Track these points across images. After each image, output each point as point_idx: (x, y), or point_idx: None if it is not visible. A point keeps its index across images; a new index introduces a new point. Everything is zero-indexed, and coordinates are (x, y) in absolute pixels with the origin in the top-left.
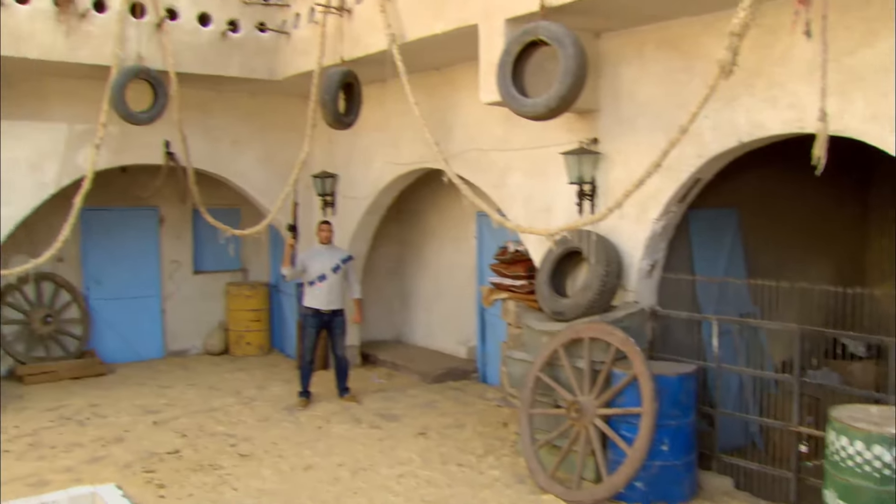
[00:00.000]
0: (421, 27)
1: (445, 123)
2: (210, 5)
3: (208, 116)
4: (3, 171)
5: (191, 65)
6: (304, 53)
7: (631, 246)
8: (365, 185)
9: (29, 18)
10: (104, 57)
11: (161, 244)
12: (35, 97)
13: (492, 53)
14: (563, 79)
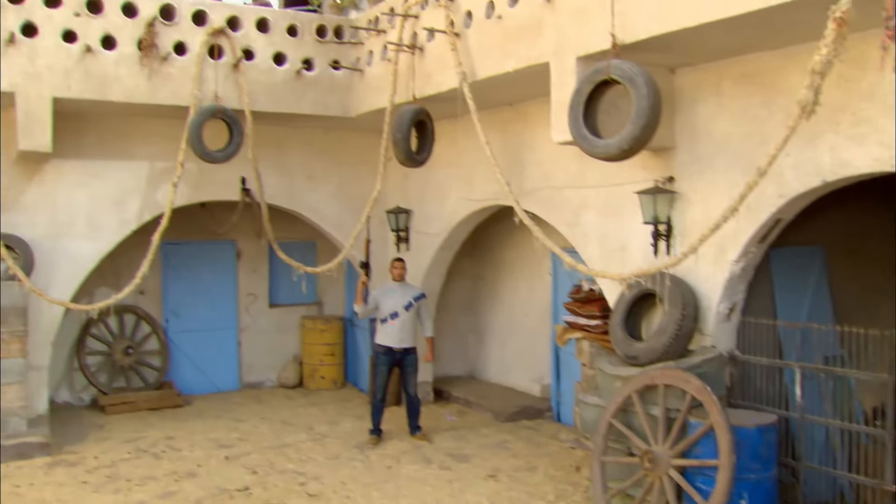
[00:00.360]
0: (491, 65)
1: (519, 160)
2: (285, 45)
3: (283, 152)
4: (89, 208)
5: (266, 103)
6: (376, 91)
7: (708, 288)
8: (439, 220)
9: (114, 63)
10: (183, 97)
11: (238, 277)
12: (119, 137)
13: (563, 92)
14: (636, 119)
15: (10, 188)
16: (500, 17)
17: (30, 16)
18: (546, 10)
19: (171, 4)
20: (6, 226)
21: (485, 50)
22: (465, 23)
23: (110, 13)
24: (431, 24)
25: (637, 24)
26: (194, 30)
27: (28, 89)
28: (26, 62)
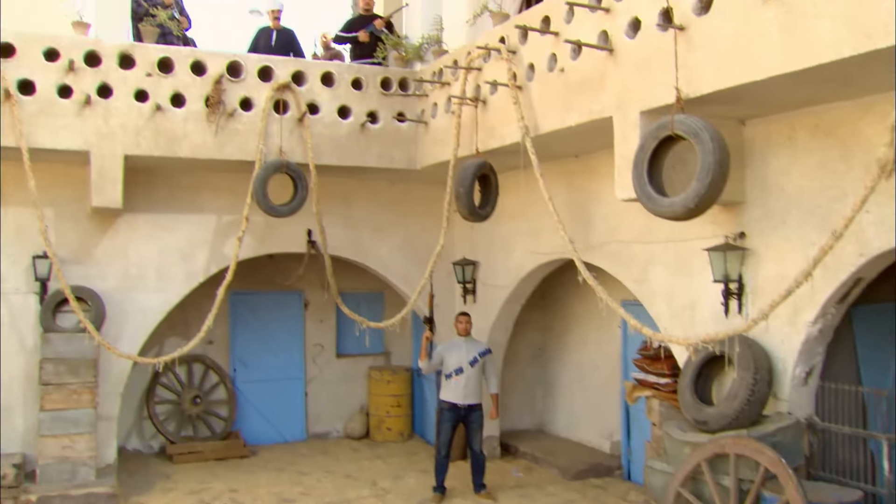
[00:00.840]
0: (554, 119)
1: (585, 213)
2: (350, 98)
3: (350, 204)
4: (158, 261)
5: (330, 156)
6: (441, 143)
7: (783, 350)
8: (505, 273)
9: (183, 120)
10: (249, 152)
11: (305, 327)
12: (188, 191)
13: (627, 147)
14: (702, 176)
15: (84, 241)
16: (563, 71)
17: (105, 77)
18: (609, 63)
19: (237, 61)
20: (79, 278)
21: (547, 103)
22: (528, 75)
23: (180, 72)
24: (494, 77)
25: (702, 78)
26: (260, 85)
27: (102, 148)
28: (101, 122)
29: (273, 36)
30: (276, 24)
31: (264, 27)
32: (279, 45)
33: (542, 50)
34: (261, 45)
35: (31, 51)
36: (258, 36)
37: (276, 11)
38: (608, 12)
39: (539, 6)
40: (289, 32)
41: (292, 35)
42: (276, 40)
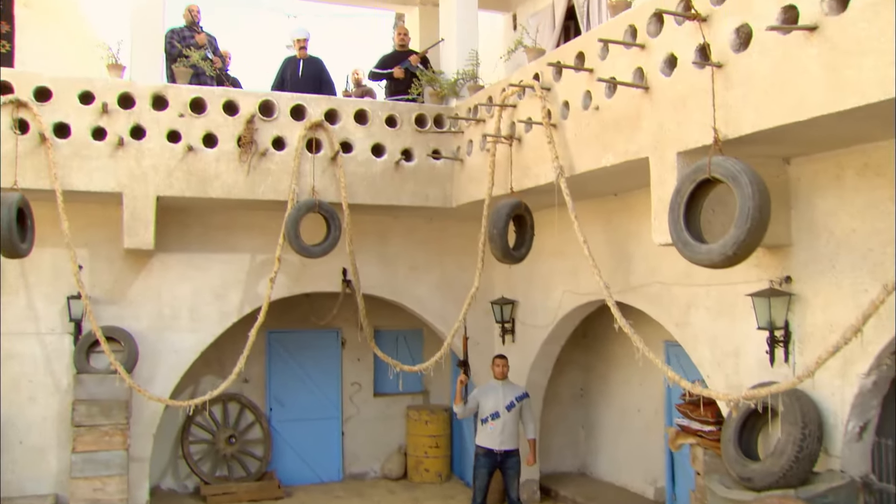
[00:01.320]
0: (589, 159)
1: (624, 253)
2: (384, 136)
3: (385, 242)
4: (192, 301)
5: (364, 195)
6: (476, 181)
7: (834, 403)
8: (544, 313)
9: (215, 160)
10: (281, 192)
11: (343, 366)
12: (221, 230)
13: (664, 190)
14: (740, 223)
15: (119, 282)
16: (598, 109)
17: (139, 119)
18: (644, 102)
19: (270, 100)
20: (113, 318)
21: (582, 142)
22: (563, 113)
23: (212, 112)
24: (529, 115)
25: (741, 117)
26: (293, 124)
27: (134, 189)
28: (133, 163)
29: (300, 66)
30: (303, 53)
31: (290, 57)
32: (306, 76)
33: (577, 87)
34: (287, 76)
35: (67, 94)
36: (284, 66)
37: (301, 41)
38: (643, 49)
39: (573, 42)
40: (316, 62)
41: (320, 64)
42: (304, 71)
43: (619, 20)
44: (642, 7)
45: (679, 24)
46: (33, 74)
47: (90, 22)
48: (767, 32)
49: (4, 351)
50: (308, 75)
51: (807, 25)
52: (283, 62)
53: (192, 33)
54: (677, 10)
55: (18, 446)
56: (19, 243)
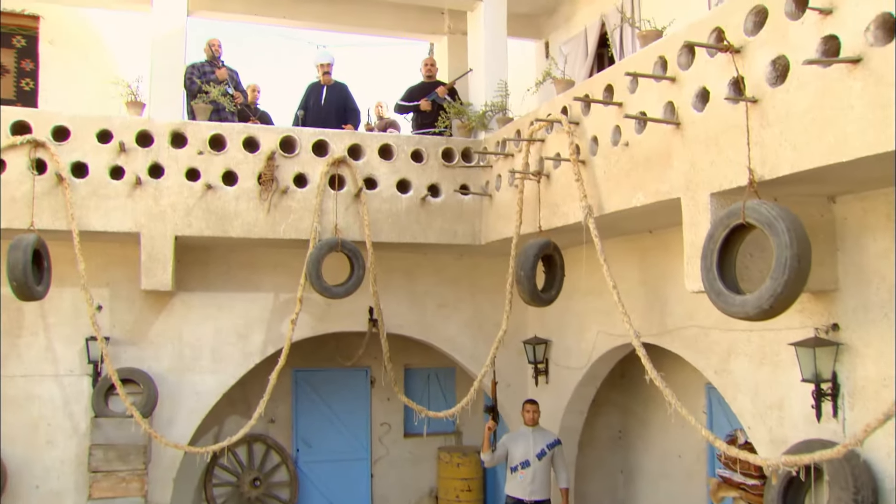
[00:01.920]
0: (619, 198)
1: (660, 294)
2: (409, 171)
3: (413, 280)
4: (214, 341)
5: (389, 233)
6: (505, 218)
7: (889, 465)
8: (578, 354)
9: (234, 198)
10: (303, 231)
11: (372, 406)
12: (244, 268)
13: (697, 234)
14: (777, 274)
15: (139, 322)
16: (627, 145)
17: (157, 157)
18: (675, 138)
19: (291, 136)
20: (133, 360)
21: (612, 180)
22: (592, 149)
23: (232, 149)
24: (558, 150)
25: (779, 157)
26: (315, 160)
27: (152, 229)
28: (151, 203)
29: (323, 92)
30: (327, 79)
31: (314, 83)
32: (330, 103)
33: (606, 121)
34: (310, 103)
35: (85, 133)
36: (308, 93)
37: (325, 66)
38: (674, 82)
39: (602, 74)
40: (341, 88)
41: (345, 91)
42: (327, 97)
43: (649, 51)
44: (672, 37)
45: (711, 56)
46: (51, 113)
47: (115, 58)
48: (806, 65)
49: (23, 393)
50: (332, 102)
51: (849, 58)
52: (307, 88)
53: (213, 68)
54: (709, 41)
55: (35, 491)
56: (35, 286)
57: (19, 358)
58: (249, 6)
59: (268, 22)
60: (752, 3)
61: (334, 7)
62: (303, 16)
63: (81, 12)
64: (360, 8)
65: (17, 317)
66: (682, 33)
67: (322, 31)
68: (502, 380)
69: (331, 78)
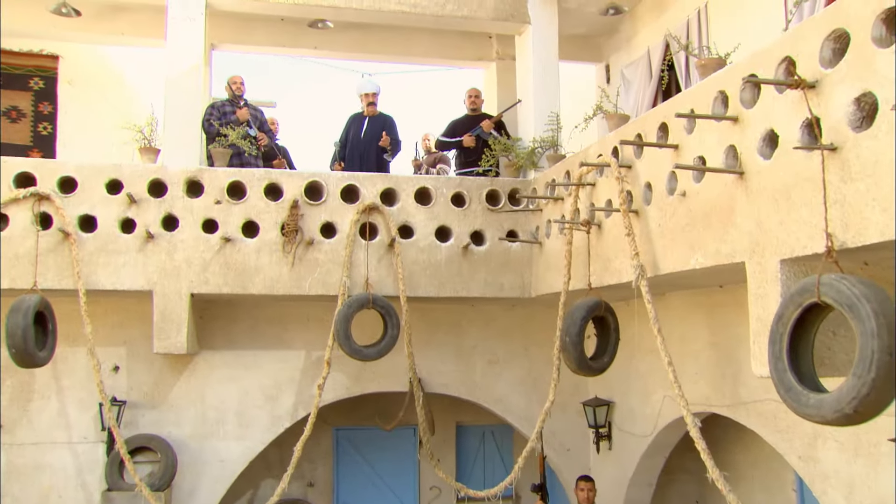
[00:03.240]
0: (675, 257)
1: (733, 357)
2: (450, 217)
3: (460, 333)
4: (239, 404)
5: (427, 287)
6: (556, 269)
7: None
8: (644, 419)
9: (255, 251)
10: (331, 286)
11: (420, 467)
12: (272, 324)
13: (764, 307)
14: (861, 370)
15: (158, 384)
16: (684, 195)
17: (170, 208)
18: (738, 190)
19: (317, 181)
20: (152, 424)
21: (667, 235)
22: (645, 196)
23: (252, 197)
24: (610, 196)
25: (864, 219)
26: (344, 208)
27: (165, 287)
28: (164, 258)
29: (364, 125)
30: (371, 110)
31: (356, 114)
32: (371, 136)
33: (661, 166)
34: (350, 135)
35: (93, 184)
36: (348, 125)
37: (369, 95)
38: (736, 122)
39: (656, 111)
40: (384, 120)
41: (388, 122)
42: (368, 130)
43: (709, 84)
44: (734, 69)
45: (780, 93)
46: (57, 164)
47: (138, 98)
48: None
49: (33, 462)
50: (373, 135)
51: None
52: (348, 120)
53: (234, 108)
54: (777, 74)
55: None
56: (36, 352)
57: (30, 424)
58: (277, 37)
59: (297, 53)
60: (830, 27)
61: (369, 35)
62: (336, 46)
63: (102, 50)
64: (398, 36)
65: (28, 380)
66: (745, 64)
67: (367, 61)
68: (560, 444)
69: (375, 109)
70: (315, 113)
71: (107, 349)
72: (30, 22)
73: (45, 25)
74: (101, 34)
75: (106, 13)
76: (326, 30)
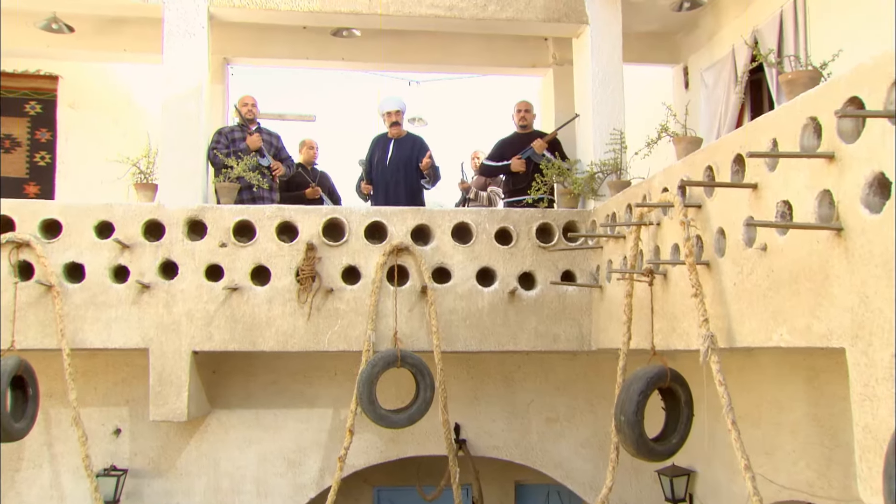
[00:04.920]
0: (754, 328)
1: (839, 438)
2: (493, 256)
3: (512, 386)
4: (258, 470)
5: (466, 340)
6: (618, 320)
7: None
8: (730, 498)
9: (266, 301)
10: (353, 340)
11: None
12: (295, 378)
13: (873, 413)
14: None
15: (166, 448)
16: (765, 249)
17: (168, 252)
18: (835, 251)
19: (338, 219)
20: (160, 495)
21: (744, 298)
22: (718, 244)
23: (263, 238)
24: (676, 240)
25: None
26: (368, 249)
27: (163, 344)
28: (162, 310)
29: (390, 149)
30: (397, 130)
31: (380, 136)
32: (397, 162)
33: (737, 207)
34: (375, 163)
35: (80, 227)
36: (373, 149)
37: (392, 114)
38: (831, 160)
39: (729, 138)
40: (414, 142)
41: (419, 146)
42: (394, 156)
43: (797, 107)
44: (831, 86)
45: (892, 123)
46: (39, 204)
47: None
48: None
49: None
50: (401, 161)
51: None
52: (373, 142)
53: (245, 134)
54: (890, 98)
55: None
56: (12, 424)
57: (18, 497)
58: (299, 48)
59: (322, 66)
60: None
61: (405, 43)
62: (366, 56)
63: (107, 68)
64: (438, 42)
65: (16, 446)
66: (847, 81)
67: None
68: None
69: (401, 129)
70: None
71: (107, 410)
72: (22, 40)
73: (39, 44)
74: (101, 51)
75: (106, 28)
76: (353, 38)
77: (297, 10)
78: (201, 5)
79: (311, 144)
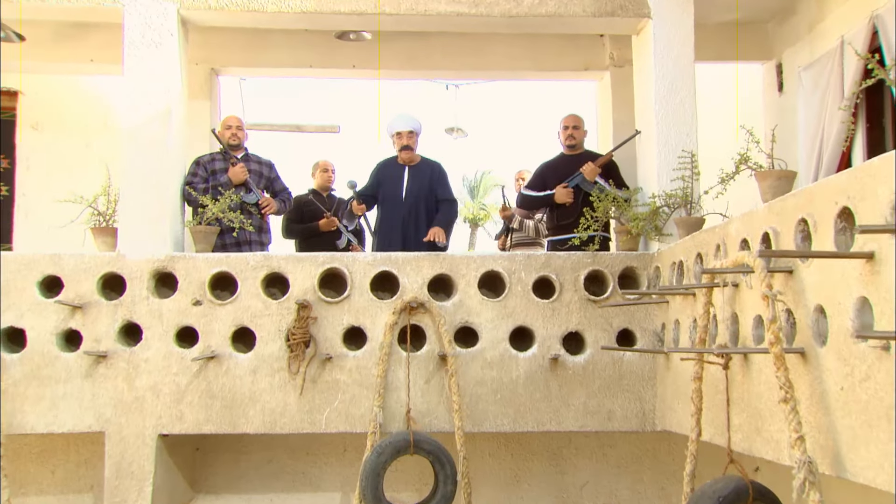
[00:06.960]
0: (871, 457)
1: None
2: (531, 313)
3: (561, 466)
4: None
5: (496, 418)
6: (686, 398)
7: None
8: None
9: (250, 372)
10: (356, 419)
11: None
12: (295, 456)
13: None
14: None
15: None
16: (889, 349)
17: (130, 313)
18: None
19: (337, 268)
20: None
21: (853, 412)
22: (815, 327)
23: (245, 293)
24: (761, 310)
25: None
26: (375, 306)
27: (122, 426)
28: (122, 385)
29: (405, 178)
30: (408, 155)
31: (389, 161)
32: (415, 195)
33: (842, 280)
34: (384, 195)
35: (20, 283)
36: (378, 177)
37: (404, 135)
38: None
39: (832, 181)
40: (432, 170)
41: (437, 175)
42: (409, 185)
43: None
44: None
45: None
46: None
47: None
48: None
49: None
50: (419, 193)
51: None
52: (377, 169)
53: (226, 164)
54: None
55: None
56: None
57: None
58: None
59: (330, 75)
60: None
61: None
62: (383, 63)
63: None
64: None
65: None
66: None
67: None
68: None
69: (414, 154)
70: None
71: (67, 498)
72: None
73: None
74: (61, 62)
75: (66, 35)
76: (364, 42)
77: (286, 12)
78: (169, 9)
79: (326, 167)
